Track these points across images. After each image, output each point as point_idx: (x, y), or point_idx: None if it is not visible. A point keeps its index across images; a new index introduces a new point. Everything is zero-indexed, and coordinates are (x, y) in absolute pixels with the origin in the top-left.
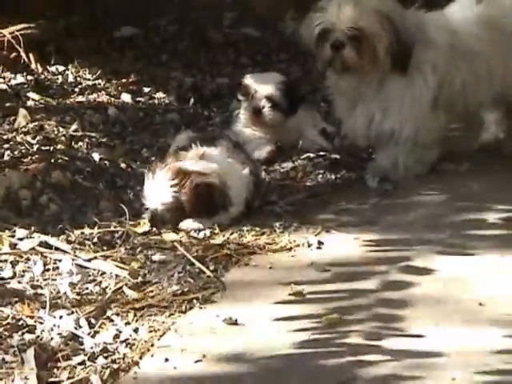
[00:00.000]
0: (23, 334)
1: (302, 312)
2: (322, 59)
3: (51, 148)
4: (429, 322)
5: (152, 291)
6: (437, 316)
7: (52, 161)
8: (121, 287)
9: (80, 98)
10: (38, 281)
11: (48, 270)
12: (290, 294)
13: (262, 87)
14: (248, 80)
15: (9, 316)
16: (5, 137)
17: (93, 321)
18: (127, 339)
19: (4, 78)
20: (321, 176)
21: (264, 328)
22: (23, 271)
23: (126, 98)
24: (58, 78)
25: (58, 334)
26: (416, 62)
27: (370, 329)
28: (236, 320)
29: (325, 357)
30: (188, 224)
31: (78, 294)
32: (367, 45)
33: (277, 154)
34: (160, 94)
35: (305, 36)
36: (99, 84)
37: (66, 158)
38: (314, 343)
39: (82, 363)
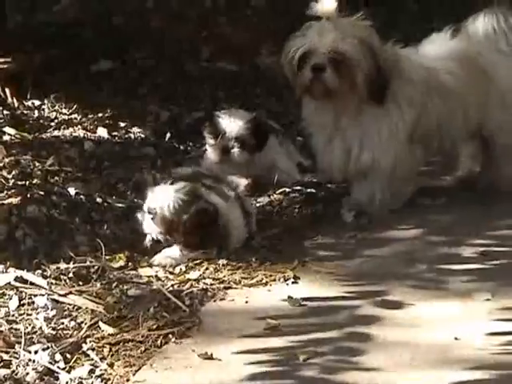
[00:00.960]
0: None
1: (278, 346)
2: (301, 84)
3: (27, 183)
4: (402, 358)
5: (128, 326)
6: (409, 351)
7: (28, 195)
8: (96, 322)
9: (56, 133)
10: (13, 316)
11: (23, 304)
12: (265, 329)
13: (231, 127)
14: (216, 119)
15: None
16: None
17: (68, 356)
18: (103, 374)
19: None
20: (297, 210)
21: (239, 362)
22: None
23: (102, 132)
24: (34, 113)
25: (34, 369)
26: (392, 95)
27: (329, 363)
28: (212, 355)
29: None
30: (161, 259)
31: (54, 328)
32: (347, 69)
33: (254, 188)
34: (136, 128)
35: (284, 62)
36: (75, 118)
37: (42, 193)
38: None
39: None
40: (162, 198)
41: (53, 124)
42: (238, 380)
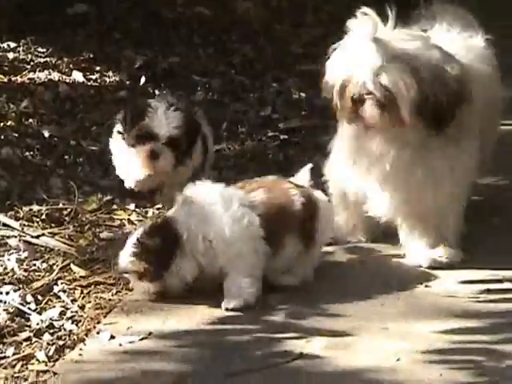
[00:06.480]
0: None
1: None
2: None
3: (1, 124)
4: (371, 305)
5: (99, 269)
6: (378, 298)
7: (1, 137)
8: (68, 264)
9: (31, 75)
10: None
11: None
12: None
13: (163, 130)
14: (147, 121)
15: None
16: None
17: (39, 297)
18: (73, 316)
19: None
20: (270, 156)
21: (211, 306)
22: None
23: (77, 75)
24: (9, 55)
25: (5, 309)
26: (457, 123)
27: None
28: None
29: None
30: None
31: (26, 270)
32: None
33: None
34: (111, 72)
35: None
36: (51, 61)
37: (16, 135)
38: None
39: (28, 339)
40: None
41: (28, 66)
42: (208, 324)
